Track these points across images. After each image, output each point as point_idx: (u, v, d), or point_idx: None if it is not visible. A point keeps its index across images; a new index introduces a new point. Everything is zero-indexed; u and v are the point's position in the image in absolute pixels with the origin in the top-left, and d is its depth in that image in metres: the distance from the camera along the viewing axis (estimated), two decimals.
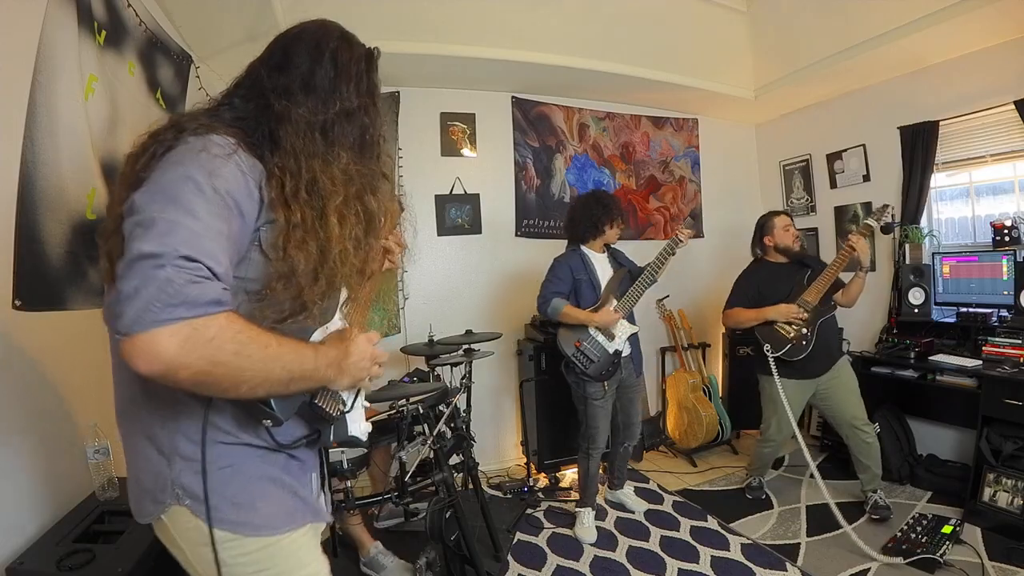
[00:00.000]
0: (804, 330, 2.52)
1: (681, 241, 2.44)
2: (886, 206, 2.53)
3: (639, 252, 2.93)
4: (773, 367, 2.54)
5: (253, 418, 0.80)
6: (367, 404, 1.05)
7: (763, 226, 2.77)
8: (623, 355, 2.55)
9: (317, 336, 0.87)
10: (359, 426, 1.01)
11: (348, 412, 0.97)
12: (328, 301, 0.86)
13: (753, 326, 2.63)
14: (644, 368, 2.89)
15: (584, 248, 2.61)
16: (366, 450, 2.02)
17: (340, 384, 0.87)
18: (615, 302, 2.50)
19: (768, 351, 2.55)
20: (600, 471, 2.71)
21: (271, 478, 0.86)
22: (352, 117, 0.87)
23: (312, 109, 0.82)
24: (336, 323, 0.94)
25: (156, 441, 0.80)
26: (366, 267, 0.90)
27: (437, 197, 3.39)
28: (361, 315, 1.02)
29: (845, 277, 2.56)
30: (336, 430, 0.94)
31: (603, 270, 2.59)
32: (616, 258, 2.68)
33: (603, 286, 2.55)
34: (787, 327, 2.54)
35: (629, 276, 2.58)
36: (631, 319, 2.59)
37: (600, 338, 2.48)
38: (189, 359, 0.62)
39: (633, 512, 2.78)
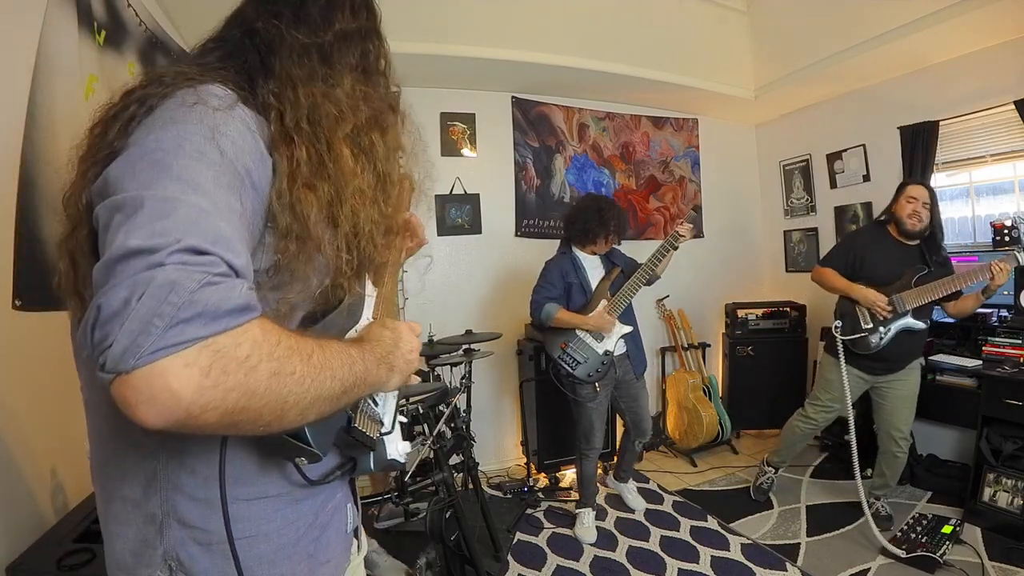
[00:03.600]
0: (881, 328, 2.33)
1: (681, 236, 2.38)
2: None
3: (639, 252, 2.91)
4: (840, 348, 2.38)
5: (279, 457, 0.63)
6: (403, 419, 0.90)
7: (899, 190, 2.43)
8: (616, 354, 2.51)
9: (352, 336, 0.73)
10: (397, 446, 0.84)
11: (389, 433, 0.80)
12: (355, 286, 0.70)
13: (837, 296, 2.45)
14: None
15: (576, 250, 2.58)
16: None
17: (391, 384, 0.72)
18: (605, 303, 2.46)
19: (836, 329, 2.40)
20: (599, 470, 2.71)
21: (306, 554, 0.69)
22: (351, 39, 0.73)
23: (306, 33, 0.69)
24: (366, 321, 0.79)
25: (142, 504, 0.60)
26: (392, 224, 0.74)
27: (437, 197, 3.39)
28: (388, 311, 0.87)
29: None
30: (377, 454, 0.77)
31: (594, 272, 2.57)
32: (610, 258, 2.64)
33: (594, 289, 2.52)
34: (866, 315, 2.35)
35: (623, 274, 2.54)
36: (628, 317, 2.55)
37: (588, 339, 2.46)
38: (216, 396, 0.43)
39: (633, 511, 2.77)
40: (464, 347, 2.68)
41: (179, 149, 0.51)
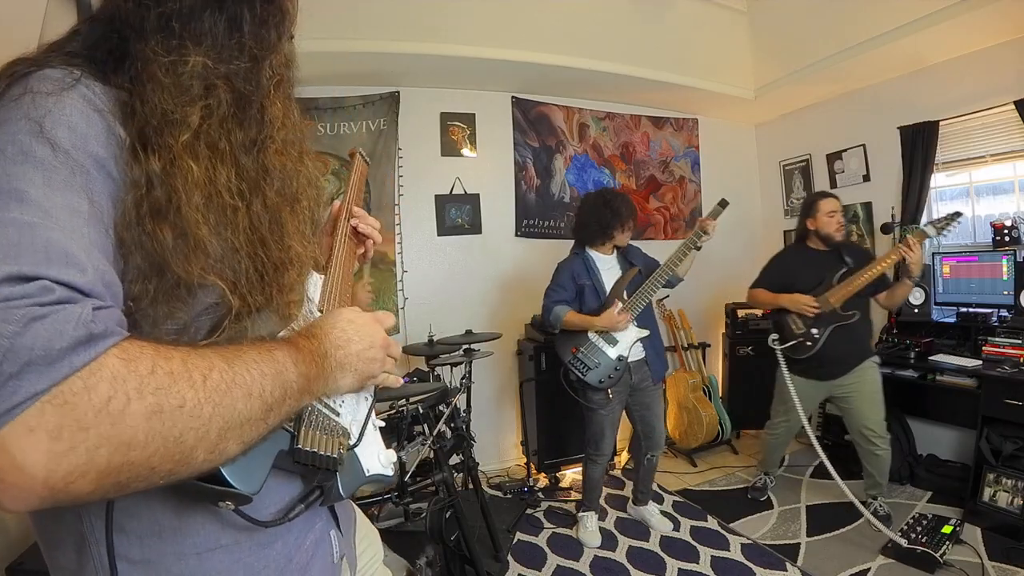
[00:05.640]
0: (813, 330, 2.43)
1: (705, 235, 2.26)
2: (956, 214, 2.26)
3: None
4: (780, 359, 2.50)
5: (203, 503, 0.51)
6: (380, 422, 0.76)
7: (808, 206, 2.59)
8: (633, 360, 2.39)
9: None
10: (377, 458, 0.71)
11: (356, 446, 0.66)
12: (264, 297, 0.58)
13: (771, 310, 2.57)
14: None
15: (590, 251, 2.49)
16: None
17: (343, 387, 0.61)
18: (620, 304, 2.34)
19: (773, 342, 2.50)
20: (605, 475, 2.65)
21: None
22: (220, 3, 0.56)
23: (165, 1, 0.53)
24: (310, 316, 0.68)
25: (78, 573, 0.53)
26: (293, 222, 0.61)
27: (437, 197, 3.39)
28: (347, 298, 0.74)
29: None
30: (347, 474, 0.63)
31: (609, 273, 2.45)
32: (627, 257, 2.52)
33: (609, 290, 2.41)
34: (798, 321, 2.47)
35: (641, 274, 2.42)
36: (647, 320, 2.44)
37: (601, 344, 2.35)
38: (77, 460, 0.35)
39: (653, 532, 2.58)
40: (464, 347, 2.67)
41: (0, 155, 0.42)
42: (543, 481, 3.18)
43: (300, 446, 0.56)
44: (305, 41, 0.73)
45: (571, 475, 3.22)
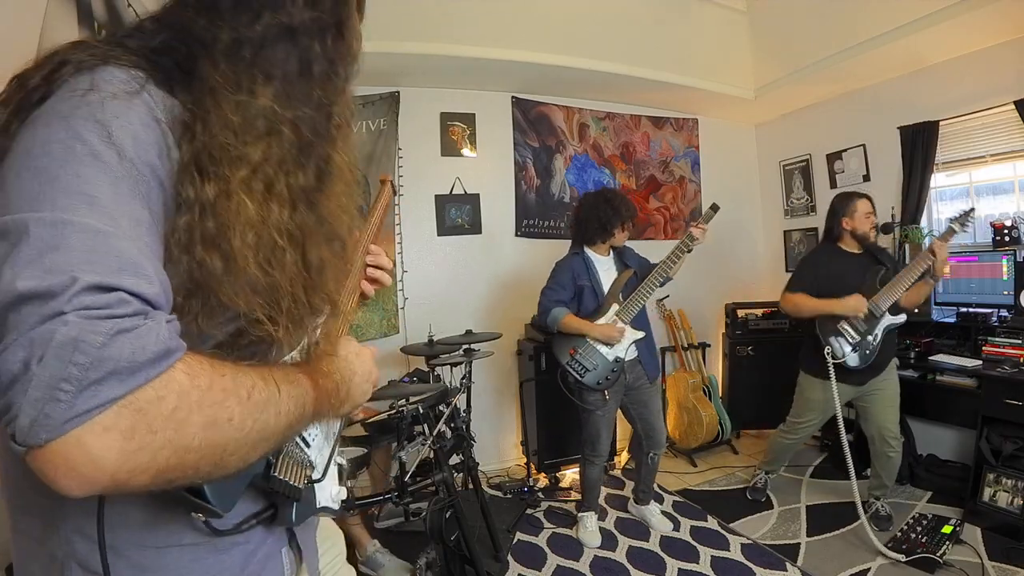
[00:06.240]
0: (869, 336, 2.33)
1: (696, 239, 2.31)
2: (971, 210, 2.27)
3: (639, 252, 2.92)
4: (832, 369, 2.33)
5: (169, 505, 0.54)
6: (340, 460, 0.80)
7: (842, 207, 2.46)
8: (628, 359, 2.42)
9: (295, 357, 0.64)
10: (331, 492, 0.74)
11: (319, 480, 0.69)
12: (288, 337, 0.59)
13: (814, 319, 2.42)
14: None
15: (588, 251, 2.50)
16: (365, 449, 2.02)
17: (341, 415, 0.65)
18: (617, 307, 2.39)
19: (829, 354, 2.33)
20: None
21: None
22: (294, 36, 0.56)
23: (239, 24, 0.54)
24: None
25: (43, 541, 0.54)
26: (323, 279, 0.60)
27: (437, 197, 3.39)
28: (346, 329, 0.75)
29: None
30: (302, 504, 0.67)
31: (607, 274, 2.48)
32: (623, 258, 2.54)
33: (607, 292, 2.44)
34: (852, 328, 2.33)
35: (636, 277, 2.46)
36: (641, 320, 2.47)
37: (598, 345, 2.37)
38: (144, 458, 0.39)
39: (653, 532, 2.59)
40: (464, 347, 2.67)
41: (68, 153, 0.43)
42: (543, 481, 3.18)
43: (275, 473, 0.59)
44: None
45: (571, 475, 3.22)
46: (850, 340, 2.35)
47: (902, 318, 2.37)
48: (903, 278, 2.28)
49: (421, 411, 2.01)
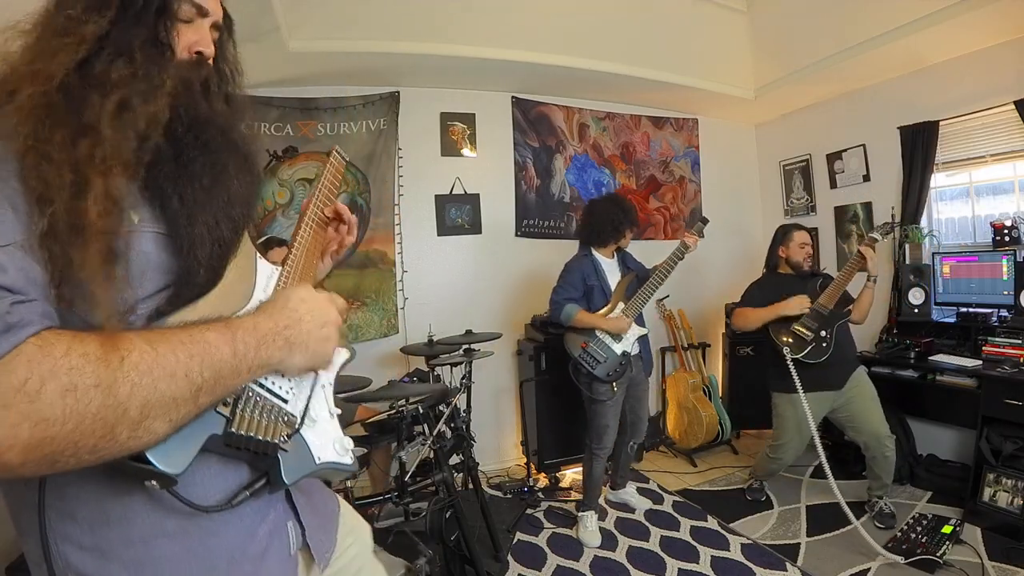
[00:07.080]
0: (823, 332, 2.46)
1: (688, 247, 2.49)
2: (891, 223, 2.61)
3: (639, 252, 2.92)
4: (795, 375, 2.40)
5: (139, 493, 0.53)
6: (338, 410, 0.75)
7: (782, 236, 2.72)
8: (632, 355, 2.57)
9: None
10: (332, 446, 0.69)
11: (299, 429, 0.65)
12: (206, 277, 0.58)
13: (767, 328, 2.55)
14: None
15: (595, 253, 2.64)
16: (365, 449, 2.02)
17: (292, 366, 0.60)
18: (623, 305, 2.53)
19: (787, 353, 2.44)
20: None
21: None
22: None
23: None
24: (256, 301, 0.65)
25: (40, 564, 0.54)
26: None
27: (437, 197, 3.39)
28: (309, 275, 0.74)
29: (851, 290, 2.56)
30: (293, 460, 0.62)
31: (613, 275, 2.63)
32: (625, 262, 2.71)
33: (613, 291, 2.58)
34: (804, 328, 2.47)
35: (637, 280, 2.61)
36: (640, 321, 2.61)
37: (607, 340, 2.51)
38: (2, 434, 0.40)
39: (636, 510, 2.79)
40: (464, 347, 2.68)
41: None
42: (543, 481, 3.18)
43: (234, 430, 0.56)
44: (305, 41, 0.72)
45: (571, 475, 3.22)
46: (805, 337, 2.48)
47: (847, 316, 2.53)
48: (840, 279, 2.48)
49: (421, 411, 2.01)
